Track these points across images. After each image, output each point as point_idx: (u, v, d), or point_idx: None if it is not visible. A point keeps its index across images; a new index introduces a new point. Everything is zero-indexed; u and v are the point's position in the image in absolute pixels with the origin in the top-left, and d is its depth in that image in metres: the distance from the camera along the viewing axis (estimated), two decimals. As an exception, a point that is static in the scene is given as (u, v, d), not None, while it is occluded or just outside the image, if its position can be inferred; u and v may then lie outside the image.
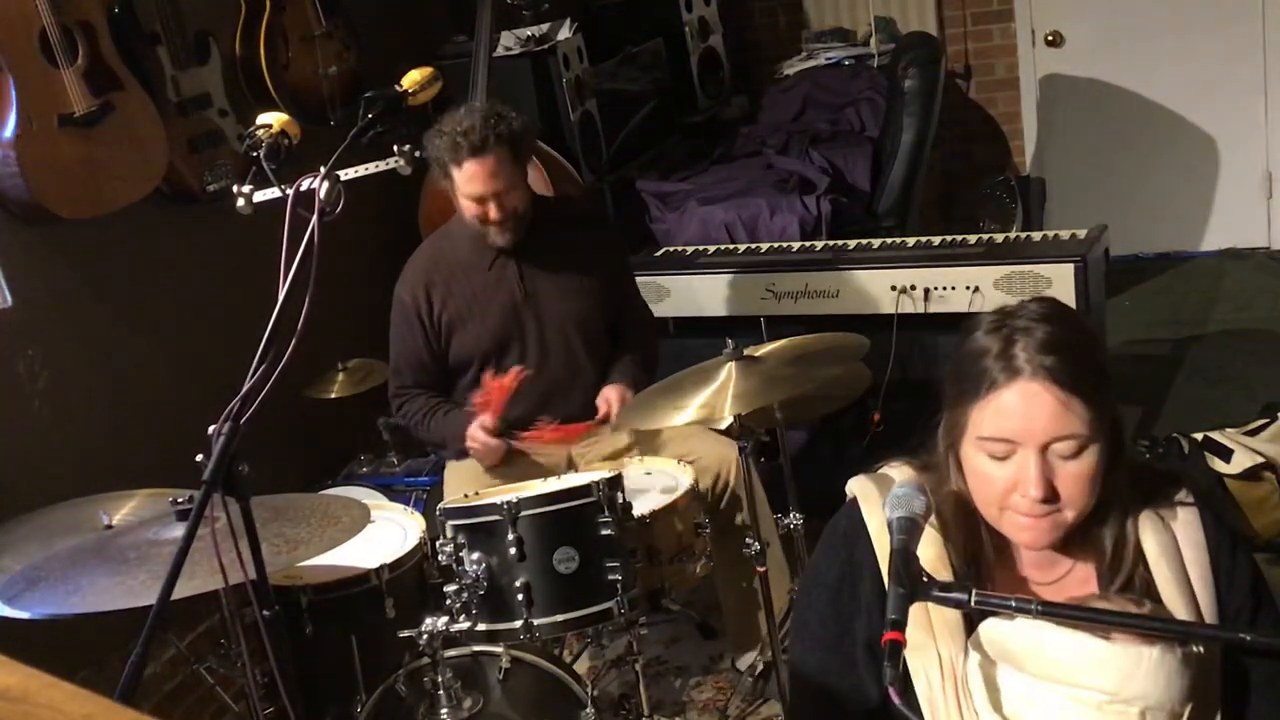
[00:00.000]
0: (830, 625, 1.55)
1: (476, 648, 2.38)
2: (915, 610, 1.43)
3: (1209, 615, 1.44)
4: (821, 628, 1.56)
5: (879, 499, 1.51)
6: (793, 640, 1.69)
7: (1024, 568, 1.51)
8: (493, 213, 2.86)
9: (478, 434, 2.88)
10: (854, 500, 1.56)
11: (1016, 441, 1.39)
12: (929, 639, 1.45)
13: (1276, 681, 1.45)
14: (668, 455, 2.91)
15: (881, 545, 1.50)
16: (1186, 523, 1.48)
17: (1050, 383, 1.37)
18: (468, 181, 2.83)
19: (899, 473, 1.56)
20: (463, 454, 2.98)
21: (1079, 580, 1.50)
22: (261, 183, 2.00)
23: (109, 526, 2.39)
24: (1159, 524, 1.47)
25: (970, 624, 1.46)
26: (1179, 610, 1.43)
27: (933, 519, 1.47)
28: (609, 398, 2.95)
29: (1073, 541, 1.48)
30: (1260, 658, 1.45)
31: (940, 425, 1.49)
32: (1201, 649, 1.41)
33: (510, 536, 2.31)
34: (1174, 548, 1.46)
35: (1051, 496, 1.39)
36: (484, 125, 2.79)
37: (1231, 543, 1.49)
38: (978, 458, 1.43)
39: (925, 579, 1.39)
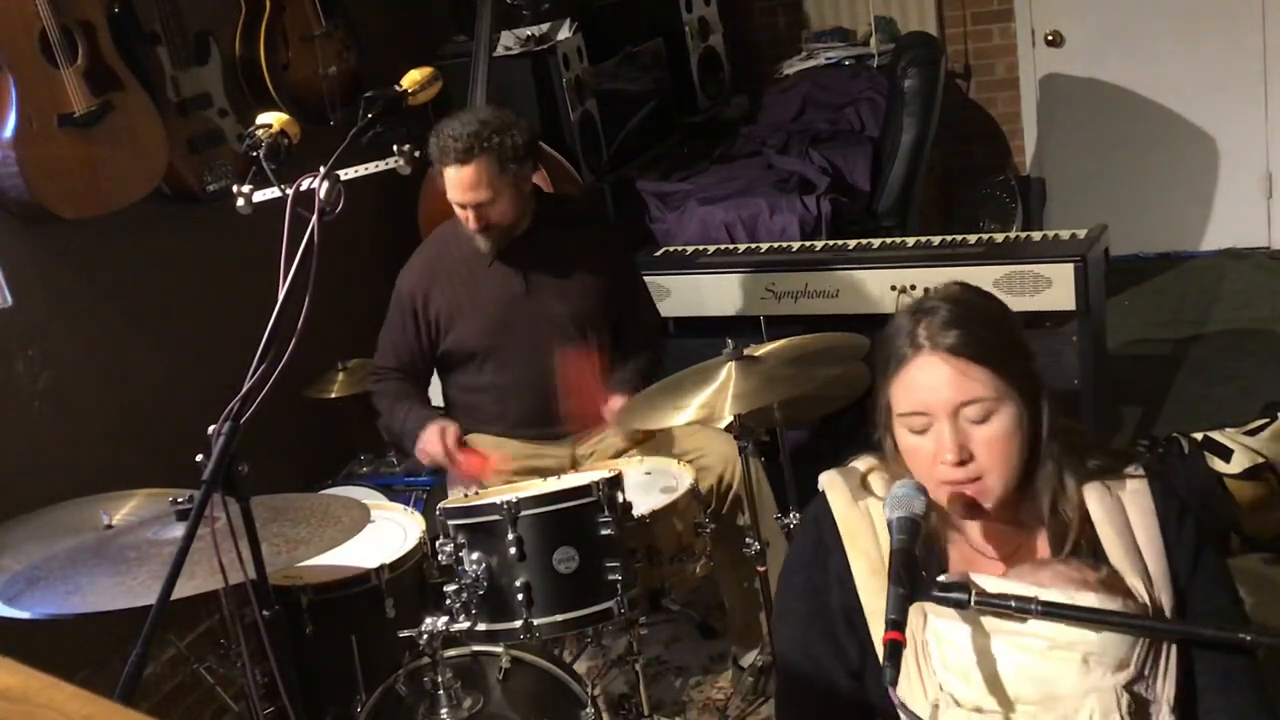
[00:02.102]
0: (808, 600, 1.62)
1: (476, 648, 2.38)
2: (874, 581, 1.52)
3: (1157, 573, 1.47)
4: (800, 603, 1.63)
5: (843, 486, 1.62)
6: (776, 623, 1.78)
7: (976, 544, 1.56)
8: (471, 221, 2.89)
9: (435, 443, 2.88)
10: (823, 491, 1.65)
11: (928, 413, 1.47)
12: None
13: (1227, 671, 1.46)
14: (670, 453, 2.91)
15: (843, 522, 1.59)
16: (1134, 491, 1.53)
17: (948, 354, 1.46)
18: (450, 187, 2.87)
19: (863, 462, 1.66)
20: (412, 447, 2.98)
21: (1031, 552, 1.55)
22: (261, 183, 2.00)
23: (109, 526, 2.39)
24: (1105, 492, 1.52)
25: None
26: (1126, 570, 1.46)
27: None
28: (613, 410, 2.95)
29: (1021, 514, 1.53)
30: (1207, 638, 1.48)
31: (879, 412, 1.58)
32: (1149, 603, 1.44)
33: (510, 536, 2.31)
34: (1120, 512, 1.50)
35: (967, 460, 1.45)
36: (472, 136, 2.79)
37: (1180, 510, 1.52)
38: (902, 434, 1.52)
39: (925, 578, 1.40)
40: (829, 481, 1.65)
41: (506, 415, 3.00)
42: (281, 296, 1.73)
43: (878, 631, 1.48)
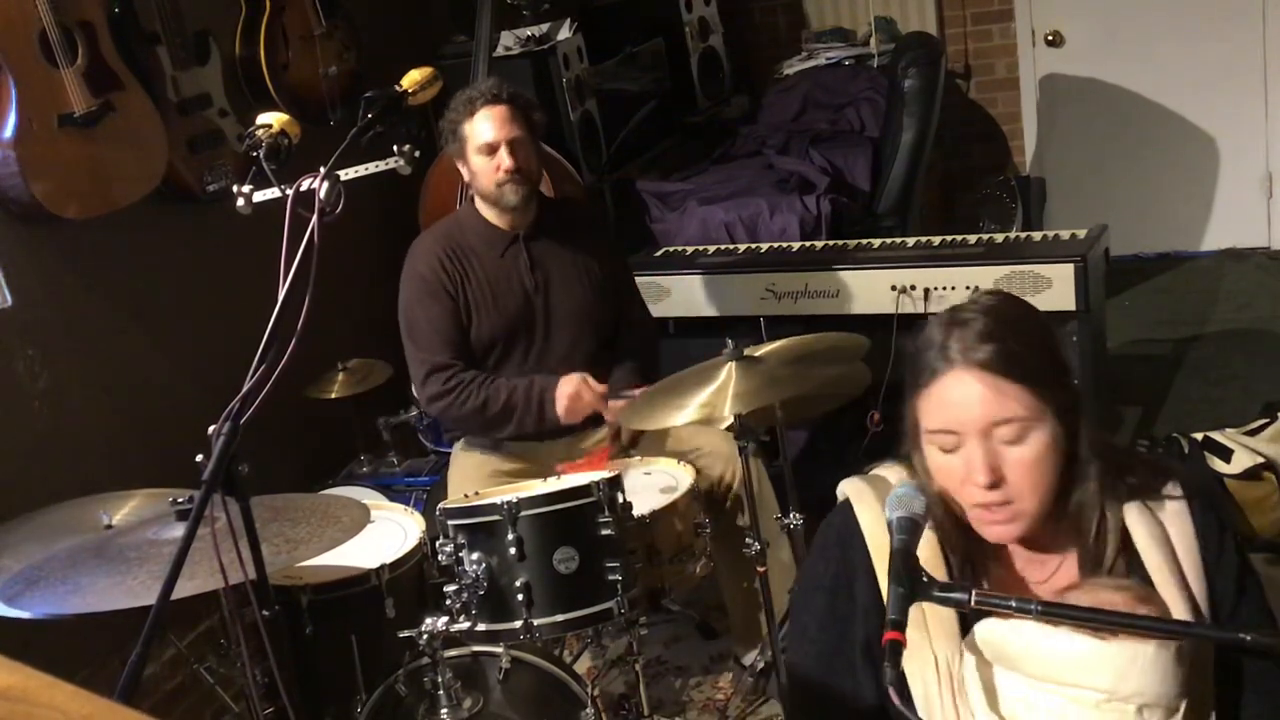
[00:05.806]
0: (828, 629, 1.54)
1: (476, 648, 2.38)
2: (911, 612, 1.43)
3: (1201, 601, 1.43)
4: (819, 631, 1.56)
5: (873, 499, 1.52)
6: (791, 644, 1.69)
7: (1019, 565, 1.50)
8: (505, 161, 2.86)
9: (581, 387, 2.86)
10: (847, 502, 1.56)
11: (958, 431, 1.40)
12: (925, 641, 1.44)
13: (1266, 678, 1.45)
14: (670, 453, 2.91)
15: (876, 545, 1.50)
16: (1175, 514, 1.48)
17: (982, 370, 1.38)
18: (481, 130, 2.87)
19: (893, 473, 1.56)
20: (538, 418, 2.90)
21: (1067, 574, 1.49)
22: (261, 183, 2.00)
23: (109, 526, 2.39)
24: (1148, 515, 1.47)
25: (966, 625, 1.45)
26: (1172, 597, 1.42)
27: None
28: (614, 410, 2.94)
29: (1061, 535, 1.48)
30: (1252, 656, 1.44)
31: (907, 423, 1.50)
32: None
33: (510, 536, 2.31)
34: (1164, 538, 1.46)
35: (998, 483, 1.39)
36: (499, 84, 2.93)
37: (1219, 532, 1.48)
38: (931, 451, 1.45)
39: (925, 579, 1.39)
40: (856, 493, 1.55)
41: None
42: (281, 296, 1.73)
43: (910, 666, 1.43)
